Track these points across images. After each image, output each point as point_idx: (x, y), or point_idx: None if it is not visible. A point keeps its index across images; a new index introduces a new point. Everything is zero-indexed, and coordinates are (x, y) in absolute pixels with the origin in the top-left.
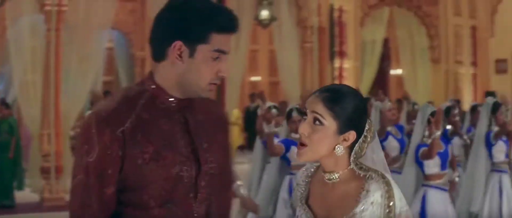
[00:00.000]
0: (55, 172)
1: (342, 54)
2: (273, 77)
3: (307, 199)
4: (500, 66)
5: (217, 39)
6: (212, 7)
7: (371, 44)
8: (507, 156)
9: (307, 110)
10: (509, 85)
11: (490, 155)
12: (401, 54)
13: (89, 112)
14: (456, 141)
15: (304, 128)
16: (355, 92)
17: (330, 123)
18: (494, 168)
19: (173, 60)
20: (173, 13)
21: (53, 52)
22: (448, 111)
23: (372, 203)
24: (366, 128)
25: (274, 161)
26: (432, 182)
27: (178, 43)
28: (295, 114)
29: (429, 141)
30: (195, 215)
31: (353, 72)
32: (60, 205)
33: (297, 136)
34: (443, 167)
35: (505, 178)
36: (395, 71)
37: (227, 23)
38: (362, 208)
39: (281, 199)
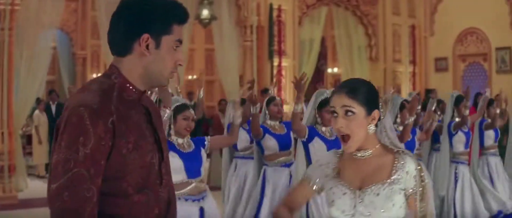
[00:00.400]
0: (8, 171)
1: (280, 53)
2: (209, 76)
3: (337, 174)
4: (440, 64)
5: (177, 30)
6: (169, 1)
7: (309, 43)
8: (466, 146)
9: (335, 108)
10: (450, 83)
11: (451, 145)
12: (339, 53)
13: (75, 105)
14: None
15: (341, 122)
16: (363, 80)
17: (359, 110)
18: (453, 159)
19: (140, 52)
20: (136, 9)
21: (6, 51)
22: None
23: (407, 172)
24: (380, 106)
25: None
26: None
27: (145, 36)
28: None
29: (400, 128)
30: (162, 199)
31: (291, 70)
32: (13, 204)
33: (272, 122)
34: None
35: (462, 168)
36: (332, 70)
37: (184, 15)
38: (398, 175)
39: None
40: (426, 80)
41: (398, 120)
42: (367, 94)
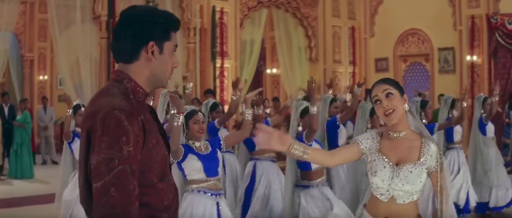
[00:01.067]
0: None
1: (223, 54)
2: None
3: (379, 150)
4: (380, 65)
5: (174, 36)
6: (165, 12)
7: (249, 44)
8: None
9: (378, 95)
10: None
11: None
12: (279, 54)
13: (108, 110)
14: None
15: (385, 103)
16: (385, 78)
17: (395, 92)
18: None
19: (148, 58)
20: (140, 20)
21: None
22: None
23: (431, 155)
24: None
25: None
26: None
27: (151, 43)
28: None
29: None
30: (173, 185)
31: (233, 71)
32: None
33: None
34: None
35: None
36: (271, 71)
37: (178, 23)
38: (425, 159)
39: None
40: (366, 81)
41: (369, 125)
42: (397, 84)
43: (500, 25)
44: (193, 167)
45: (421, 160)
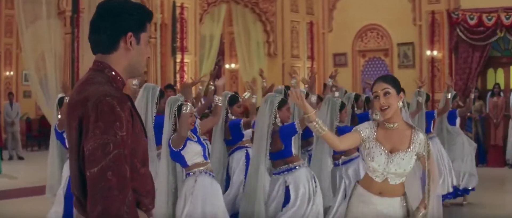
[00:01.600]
0: None
1: (183, 49)
2: None
3: (376, 138)
4: (339, 60)
5: (149, 28)
6: (140, 4)
7: (209, 39)
8: None
9: (377, 92)
10: (349, 78)
11: None
12: (238, 49)
13: (99, 96)
14: None
15: (382, 100)
16: (392, 75)
17: (392, 91)
18: None
19: (126, 48)
20: (118, 11)
21: None
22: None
23: (419, 143)
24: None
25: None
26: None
27: (129, 34)
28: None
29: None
30: (149, 171)
31: (193, 66)
32: None
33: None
34: None
35: None
36: (230, 66)
37: (152, 14)
38: (414, 146)
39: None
40: (325, 76)
41: (338, 120)
42: (395, 82)
43: (461, 21)
44: (195, 151)
45: (411, 147)
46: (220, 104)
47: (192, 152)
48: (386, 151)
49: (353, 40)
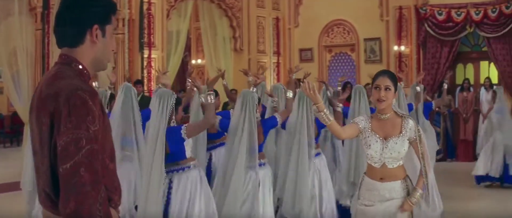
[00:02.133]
0: None
1: (150, 45)
2: None
3: (371, 129)
4: (305, 55)
5: (114, 20)
6: None
7: (176, 35)
8: None
9: (379, 85)
10: (315, 73)
11: None
12: (204, 45)
13: (71, 90)
14: None
15: (382, 93)
16: (389, 71)
17: (392, 88)
18: None
19: (92, 41)
20: (84, 4)
21: None
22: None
23: (410, 128)
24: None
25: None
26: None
27: (95, 27)
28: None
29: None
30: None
31: (160, 62)
32: None
33: None
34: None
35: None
36: (196, 61)
37: (116, 6)
38: (405, 131)
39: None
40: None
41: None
42: (396, 81)
43: (429, 16)
44: (190, 144)
45: (403, 133)
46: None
47: (189, 145)
48: (380, 138)
49: (319, 36)
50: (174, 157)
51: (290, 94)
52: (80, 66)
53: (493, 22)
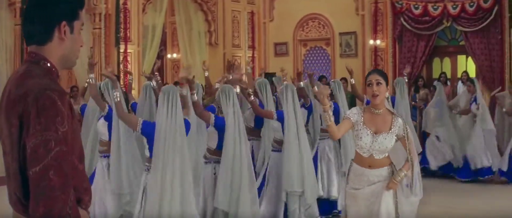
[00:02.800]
0: None
1: (126, 40)
2: None
3: (363, 122)
4: (280, 49)
5: (81, 15)
6: None
7: (152, 29)
8: None
9: (371, 81)
10: (290, 67)
11: None
12: (179, 39)
13: (40, 90)
14: None
15: (375, 88)
16: (381, 70)
17: (383, 82)
18: None
19: (61, 38)
20: (51, 1)
21: None
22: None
23: (398, 126)
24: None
25: None
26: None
27: (63, 23)
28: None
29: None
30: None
31: (136, 56)
32: None
33: None
34: None
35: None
36: (172, 55)
37: (84, 1)
38: (394, 129)
39: None
40: (266, 64)
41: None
42: (385, 76)
43: (405, 10)
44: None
45: (392, 130)
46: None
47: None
48: (371, 132)
49: (294, 30)
50: None
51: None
52: (49, 64)
53: (471, 16)
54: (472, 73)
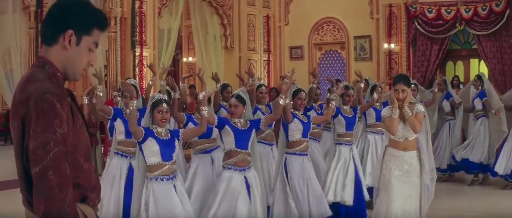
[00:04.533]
0: None
1: (142, 43)
2: None
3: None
4: (295, 52)
5: (97, 34)
6: (96, 8)
7: (167, 33)
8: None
9: (399, 88)
10: (305, 71)
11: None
12: (195, 43)
13: (40, 93)
14: None
15: (400, 93)
16: (403, 76)
17: (407, 90)
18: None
19: (63, 45)
20: (68, 7)
21: None
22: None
23: (416, 108)
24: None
25: None
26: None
27: (69, 32)
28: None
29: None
30: (94, 168)
31: (151, 60)
32: None
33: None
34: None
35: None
36: (187, 59)
37: (105, 23)
38: (415, 110)
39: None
40: (281, 68)
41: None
42: (408, 82)
43: (419, 14)
44: (151, 149)
45: (414, 112)
46: (206, 116)
47: (149, 149)
48: (403, 123)
49: (309, 33)
50: None
51: (282, 100)
52: (53, 68)
53: (483, 20)
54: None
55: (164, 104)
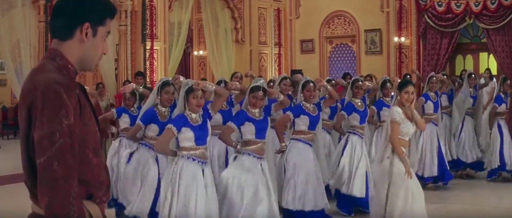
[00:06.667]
0: None
1: (152, 37)
2: None
3: (405, 117)
4: (306, 46)
5: (108, 23)
6: None
7: (177, 26)
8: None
9: (409, 90)
10: (316, 64)
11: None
12: (206, 36)
13: (47, 84)
14: None
15: (411, 95)
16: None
17: (414, 92)
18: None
19: (81, 39)
20: (81, 0)
21: None
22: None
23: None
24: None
25: None
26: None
27: (86, 25)
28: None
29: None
30: (104, 163)
31: (162, 53)
32: None
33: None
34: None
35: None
36: (198, 53)
37: (115, 11)
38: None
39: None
40: (292, 62)
41: (303, 98)
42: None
43: (429, 7)
44: (186, 137)
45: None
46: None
47: (184, 137)
48: (411, 123)
49: (320, 27)
50: None
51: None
52: (65, 61)
53: (493, 14)
54: (494, 71)
55: (200, 91)
